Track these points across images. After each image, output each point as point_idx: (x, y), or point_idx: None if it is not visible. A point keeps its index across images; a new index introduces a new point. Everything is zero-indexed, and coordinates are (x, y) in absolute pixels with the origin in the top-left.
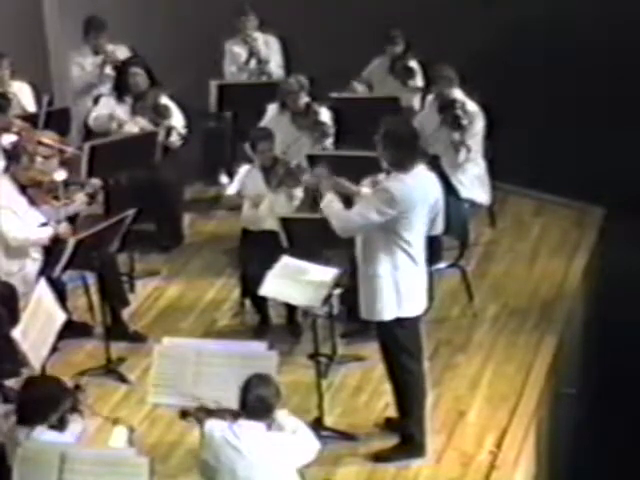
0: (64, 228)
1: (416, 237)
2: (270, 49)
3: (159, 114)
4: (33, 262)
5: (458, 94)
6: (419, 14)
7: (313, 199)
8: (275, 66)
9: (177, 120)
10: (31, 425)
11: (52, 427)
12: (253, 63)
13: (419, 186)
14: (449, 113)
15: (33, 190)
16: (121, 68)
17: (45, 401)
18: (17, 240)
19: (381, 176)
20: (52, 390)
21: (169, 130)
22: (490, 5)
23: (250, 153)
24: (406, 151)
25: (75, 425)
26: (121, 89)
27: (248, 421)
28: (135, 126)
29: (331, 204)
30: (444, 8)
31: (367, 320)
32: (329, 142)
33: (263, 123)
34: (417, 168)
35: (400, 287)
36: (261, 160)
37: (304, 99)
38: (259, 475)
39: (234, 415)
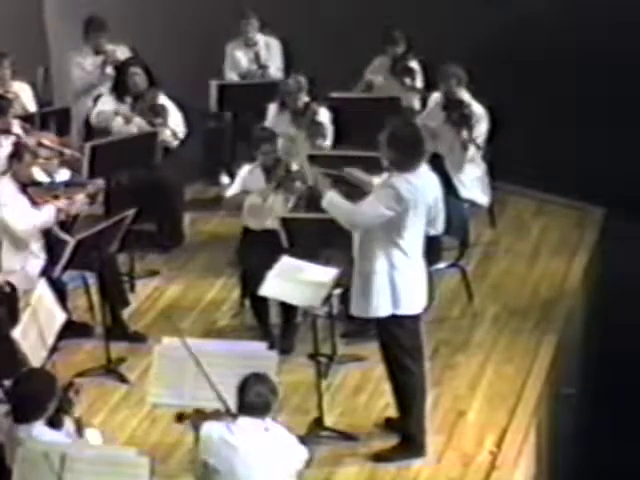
0: (64, 203)
1: (414, 236)
2: (270, 52)
3: (155, 114)
4: (35, 260)
5: (465, 96)
6: (419, 14)
7: (308, 202)
8: (275, 69)
9: (174, 120)
10: (29, 421)
11: (50, 423)
12: (253, 68)
13: (422, 186)
14: (457, 113)
15: (34, 189)
16: (120, 68)
17: (40, 392)
18: (25, 231)
19: (384, 176)
20: (45, 380)
21: (163, 128)
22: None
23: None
24: (411, 153)
25: (67, 427)
26: (120, 89)
27: (246, 419)
28: (134, 127)
29: (333, 201)
30: (444, 8)
31: (363, 318)
32: (326, 143)
33: (266, 123)
34: (421, 168)
35: (396, 285)
36: (263, 161)
37: (303, 99)
38: (258, 473)
39: (232, 417)
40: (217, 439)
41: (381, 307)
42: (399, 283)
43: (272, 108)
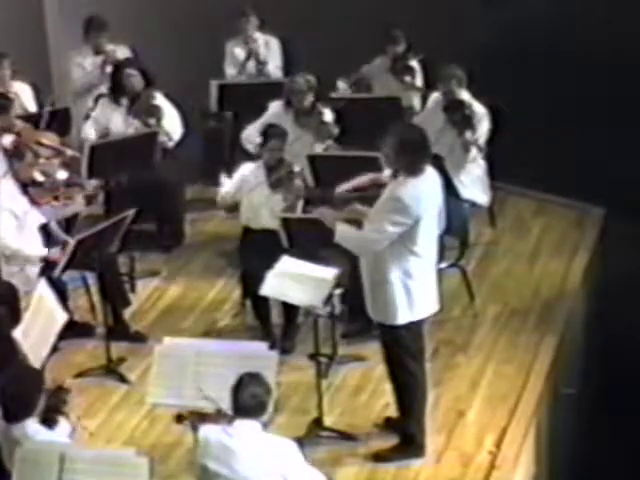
0: (55, 254)
1: (428, 240)
2: (270, 50)
3: (150, 115)
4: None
5: (465, 95)
6: (419, 14)
7: (305, 202)
8: (274, 67)
9: (170, 121)
10: (20, 419)
11: (44, 422)
12: (252, 65)
13: (428, 188)
14: (458, 114)
15: (34, 190)
16: (116, 70)
17: (26, 388)
18: (10, 249)
19: (385, 175)
20: (29, 375)
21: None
22: (490, 5)
23: (255, 149)
24: (419, 157)
25: (63, 426)
26: (117, 91)
27: (242, 421)
28: (131, 128)
29: (344, 234)
30: (444, 8)
31: (370, 321)
32: (331, 142)
33: (263, 119)
34: (427, 169)
35: (412, 292)
36: (267, 157)
37: (310, 99)
38: (257, 475)
39: (229, 419)
40: (215, 443)
41: (399, 315)
42: (414, 290)
43: (273, 106)
